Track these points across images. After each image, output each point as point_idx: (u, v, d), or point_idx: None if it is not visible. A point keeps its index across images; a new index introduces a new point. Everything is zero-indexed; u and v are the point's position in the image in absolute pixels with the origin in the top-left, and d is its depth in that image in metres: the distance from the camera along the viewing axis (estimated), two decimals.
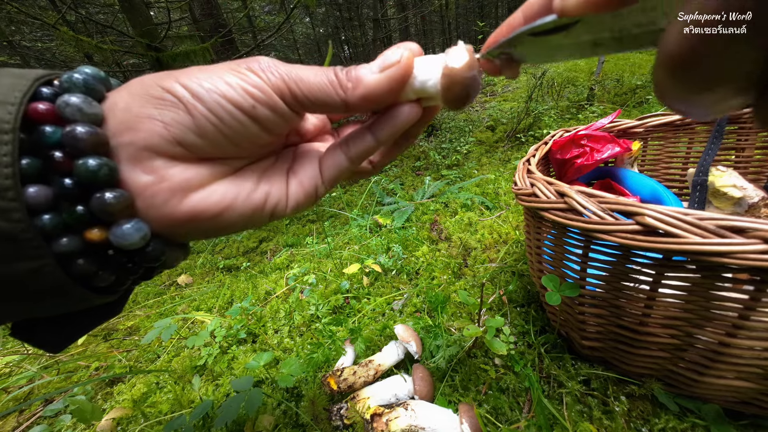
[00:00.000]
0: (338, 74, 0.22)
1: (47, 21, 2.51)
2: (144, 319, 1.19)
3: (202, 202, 0.22)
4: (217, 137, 0.22)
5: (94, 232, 0.20)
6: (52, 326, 0.24)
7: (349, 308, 0.91)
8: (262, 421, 0.61)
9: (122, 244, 0.20)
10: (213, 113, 0.21)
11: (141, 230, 0.21)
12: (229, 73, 0.21)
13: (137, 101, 0.21)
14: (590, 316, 0.54)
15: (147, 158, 0.21)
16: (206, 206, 0.23)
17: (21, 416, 0.80)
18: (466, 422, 0.49)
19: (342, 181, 0.29)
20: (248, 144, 0.24)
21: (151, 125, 0.20)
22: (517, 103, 2.81)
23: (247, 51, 3.73)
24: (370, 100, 0.23)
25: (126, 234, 0.20)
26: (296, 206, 0.27)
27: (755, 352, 0.41)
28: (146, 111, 0.20)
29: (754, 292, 0.38)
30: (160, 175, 0.21)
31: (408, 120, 0.25)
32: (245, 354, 0.83)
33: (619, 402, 0.54)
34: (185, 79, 0.21)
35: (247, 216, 0.25)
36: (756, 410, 0.47)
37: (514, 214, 1.19)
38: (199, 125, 0.21)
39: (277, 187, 0.26)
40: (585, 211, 0.44)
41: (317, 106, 0.23)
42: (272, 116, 0.23)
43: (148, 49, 2.78)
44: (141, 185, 0.21)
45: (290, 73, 0.22)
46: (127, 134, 0.20)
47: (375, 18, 6.06)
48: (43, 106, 0.20)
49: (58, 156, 0.19)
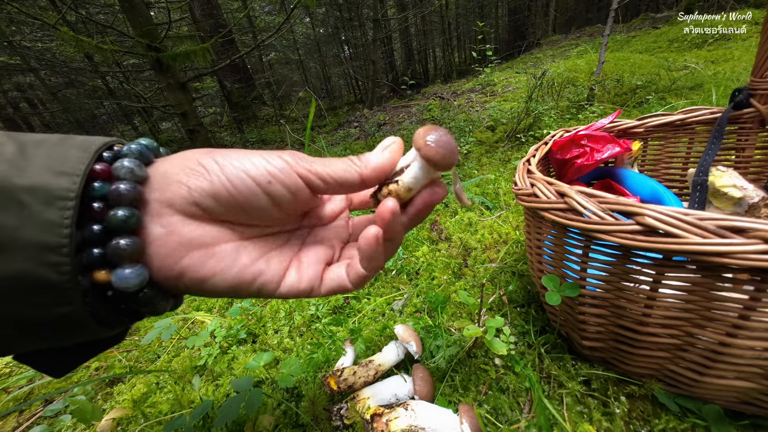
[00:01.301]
0: (353, 159, 0.28)
1: (47, 21, 2.51)
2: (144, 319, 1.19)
3: (197, 262, 0.25)
4: (229, 202, 0.25)
5: (102, 273, 0.23)
6: (55, 354, 0.26)
7: (349, 308, 0.91)
8: (262, 421, 0.61)
9: (120, 286, 0.23)
10: (230, 182, 0.25)
11: (141, 276, 0.23)
12: (259, 157, 0.26)
13: (175, 169, 0.25)
14: (590, 316, 0.54)
15: (167, 214, 0.25)
16: (199, 266, 0.25)
17: (21, 416, 0.80)
18: (466, 422, 0.49)
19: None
20: (259, 214, 0.27)
21: (178, 188, 0.25)
22: (517, 103, 2.81)
23: (247, 51, 3.73)
24: (378, 170, 0.28)
25: (127, 277, 0.23)
26: (287, 294, 0.29)
27: (755, 352, 0.41)
28: (178, 177, 0.25)
29: (755, 292, 0.38)
30: (173, 229, 0.25)
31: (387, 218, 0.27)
32: (245, 354, 0.83)
33: (619, 402, 0.54)
34: (220, 157, 0.26)
35: (234, 285, 0.27)
36: (756, 410, 0.47)
37: (514, 214, 1.19)
38: (216, 190, 0.25)
39: (273, 269, 0.29)
40: (585, 211, 0.44)
41: (338, 183, 0.27)
42: (286, 193, 0.26)
43: (148, 49, 2.78)
44: (154, 235, 0.24)
45: (316, 161, 0.27)
46: (157, 193, 0.25)
47: (375, 18, 6.06)
48: (99, 167, 0.24)
49: (97, 207, 0.23)
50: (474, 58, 3.10)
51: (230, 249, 0.27)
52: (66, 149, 0.23)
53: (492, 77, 4.63)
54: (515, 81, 4.21)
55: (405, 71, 11.66)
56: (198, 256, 0.25)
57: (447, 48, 12.84)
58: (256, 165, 0.25)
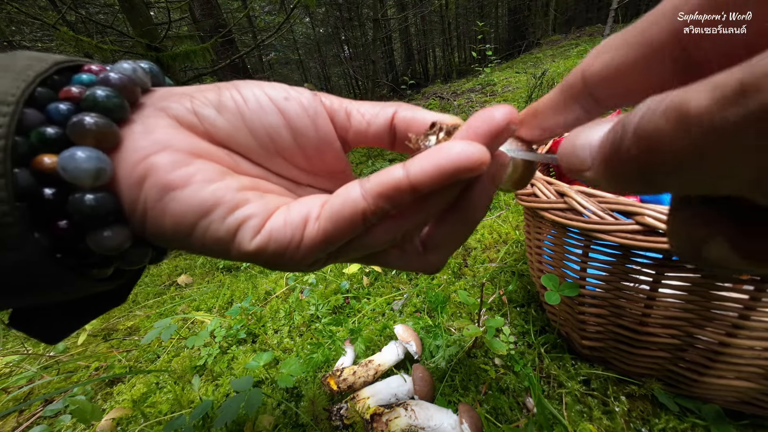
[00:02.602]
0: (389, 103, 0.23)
1: (47, 21, 2.51)
2: (144, 319, 1.19)
3: (169, 162, 0.19)
4: (234, 117, 0.21)
5: (45, 160, 0.18)
6: (50, 316, 0.24)
7: (349, 308, 0.91)
8: (262, 421, 0.61)
9: (68, 174, 0.17)
10: (241, 94, 0.21)
11: (96, 160, 0.18)
12: (280, 86, 0.22)
13: (184, 89, 0.22)
14: (590, 316, 0.54)
15: (158, 116, 0.20)
16: (170, 168, 0.19)
17: (21, 416, 0.80)
18: (466, 422, 0.49)
19: (355, 253, 0.21)
20: (268, 140, 0.21)
21: (182, 98, 0.21)
22: (517, 103, 2.82)
23: (247, 51, 3.73)
24: (417, 115, 0.22)
25: (77, 159, 0.17)
26: (265, 242, 0.19)
27: (755, 352, 0.41)
28: (185, 91, 0.21)
29: (754, 292, 0.38)
30: (153, 129, 0.20)
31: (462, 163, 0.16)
32: (245, 354, 0.83)
33: (619, 402, 0.54)
34: (242, 85, 0.22)
35: (204, 211, 0.19)
36: (756, 410, 0.47)
37: (514, 214, 1.19)
38: (222, 101, 0.21)
39: (263, 208, 0.20)
40: (585, 210, 0.44)
41: (366, 117, 0.22)
42: (302, 114, 0.21)
43: (148, 49, 2.78)
44: (131, 132, 0.19)
45: (352, 101, 0.23)
46: (154, 99, 0.21)
47: (375, 18, 6.05)
48: (75, 90, 0.19)
49: (51, 132, 0.18)
50: (474, 57, 3.10)
51: (215, 168, 0.20)
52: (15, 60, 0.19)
53: (492, 77, 4.63)
54: (515, 81, 4.21)
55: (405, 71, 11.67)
56: (171, 157, 0.19)
57: (447, 48, 12.84)
58: (275, 87, 0.22)
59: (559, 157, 0.15)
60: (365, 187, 0.18)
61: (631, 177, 0.11)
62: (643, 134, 0.10)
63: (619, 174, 0.12)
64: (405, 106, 0.22)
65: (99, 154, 0.18)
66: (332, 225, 0.18)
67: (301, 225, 0.19)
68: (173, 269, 1.67)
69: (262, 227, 0.19)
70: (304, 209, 0.20)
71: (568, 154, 0.14)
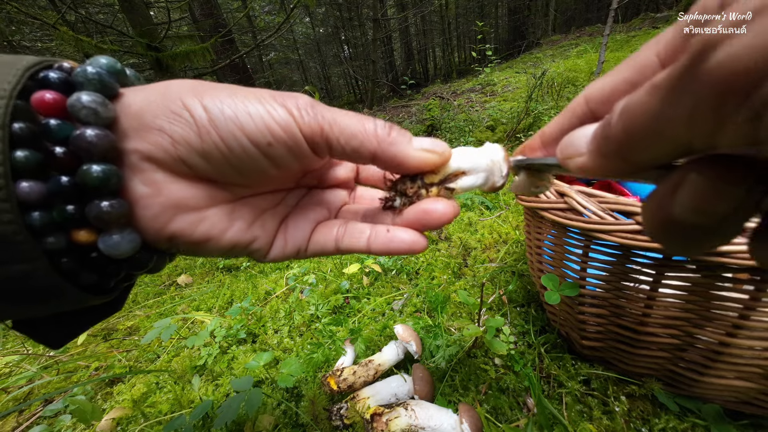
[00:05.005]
0: (378, 127, 0.22)
1: (47, 21, 2.51)
2: (144, 319, 1.19)
3: (189, 227, 0.22)
4: (222, 165, 0.21)
5: (82, 234, 0.20)
6: (53, 323, 0.24)
7: (349, 308, 0.91)
8: (262, 421, 0.61)
9: (112, 253, 0.20)
10: (224, 142, 0.20)
11: (133, 242, 0.21)
12: (257, 104, 0.21)
13: (152, 110, 0.20)
14: (590, 315, 0.54)
15: (149, 170, 0.20)
16: (191, 232, 0.22)
17: (21, 416, 0.80)
18: (466, 422, 0.49)
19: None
20: (255, 176, 0.23)
21: (160, 138, 0.20)
22: (517, 103, 2.82)
23: (247, 51, 3.73)
24: (395, 165, 0.23)
25: (118, 244, 0.20)
26: (273, 259, 0.27)
27: (755, 352, 0.41)
28: (158, 123, 0.20)
29: (754, 292, 0.38)
30: (158, 188, 0.21)
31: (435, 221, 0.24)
32: (245, 354, 0.83)
33: (619, 402, 0.54)
34: (209, 99, 0.20)
35: (227, 249, 0.24)
36: (756, 410, 0.47)
37: (514, 214, 1.19)
38: (207, 150, 0.20)
39: (266, 235, 0.26)
40: (585, 211, 0.44)
41: (347, 151, 0.22)
42: (287, 156, 0.22)
43: (148, 49, 2.78)
44: (137, 195, 0.21)
45: (326, 114, 0.22)
46: (133, 141, 0.20)
47: (375, 18, 6.06)
48: (50, 96, 0.18)
49: (60, 152, 0.19)
50: (474, 57, 3.10)
51: (224, 213, 0.24)
52: None
53: (492, 77, 4.63)
54: (515, 81, 4.21)
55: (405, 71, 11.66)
56: (189, 220, 0.22)
57: (447, 48, 12.84)
58: (254, 118, 0.20)
59: (559, 149, 0.18)
60: (340, 245, 0.28)
61: (613, 155, 0.15)
62: (627, 108, 0.13)
63: (605, 154, 0.15)
64: (388, 141, 0.23)
65: (133, 236, 0.21)
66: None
67: (293, 254, 0.28)
68: (173, 269, 1.67)
69: (267, 255, 0.27)
70: (296, 244, 0.28)
71: (566, 144, 0.17)
